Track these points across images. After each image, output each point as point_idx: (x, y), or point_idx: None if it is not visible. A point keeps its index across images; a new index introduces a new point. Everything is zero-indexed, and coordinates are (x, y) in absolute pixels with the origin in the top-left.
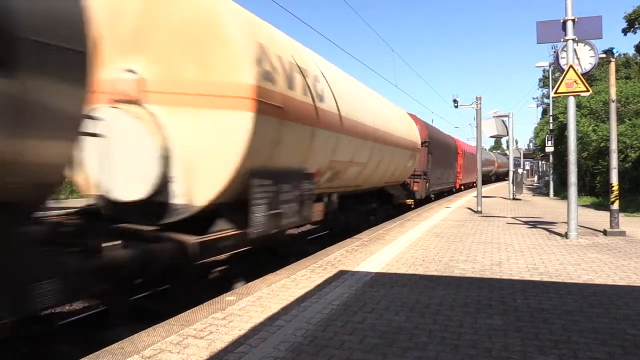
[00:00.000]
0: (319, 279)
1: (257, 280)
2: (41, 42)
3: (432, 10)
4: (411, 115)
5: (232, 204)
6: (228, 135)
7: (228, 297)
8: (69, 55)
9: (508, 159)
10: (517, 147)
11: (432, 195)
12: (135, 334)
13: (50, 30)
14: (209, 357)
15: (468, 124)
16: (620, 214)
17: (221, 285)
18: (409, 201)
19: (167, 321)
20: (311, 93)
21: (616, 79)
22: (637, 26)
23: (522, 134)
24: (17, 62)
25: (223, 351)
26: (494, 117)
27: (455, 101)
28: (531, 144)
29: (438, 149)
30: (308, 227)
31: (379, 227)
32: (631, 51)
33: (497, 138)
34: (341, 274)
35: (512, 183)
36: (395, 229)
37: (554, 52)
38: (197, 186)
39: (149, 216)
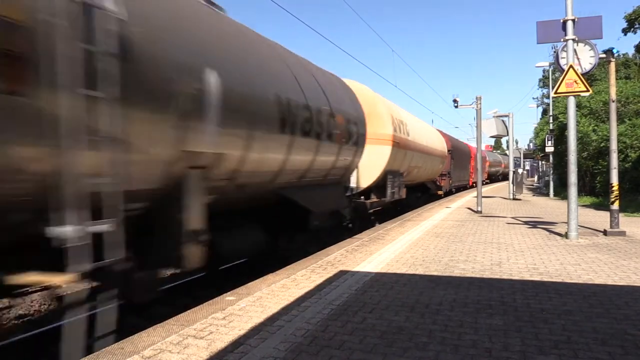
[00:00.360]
0: (319, 279)
1: (257, 280)
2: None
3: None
4: (439, 130)
5: (378, 186)
6: (380, 155)
7: (228, 297)
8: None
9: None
10: (517, 147)
11: (453, 189)
12: (135, 334)
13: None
14: (209, 357)
15: (468, 124)
16: (620, 214)
17: (221, 286)
18: (439, 192)
19: (167, 321)
20: (403, 132)
21: (616, 79)
22: (637, 26)
23: (522, 134)
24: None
25: (223, 351)
26: (494, 117)
27: (455, 101)
28: (531, 144)
29: (458, 155)
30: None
31: (379, 227)
32: (631, 51)
33: (497, 138)
34: (341, 274)
35: (512, 183)
36: (395, 229)
37: (554, 52)
38: (364, 178)
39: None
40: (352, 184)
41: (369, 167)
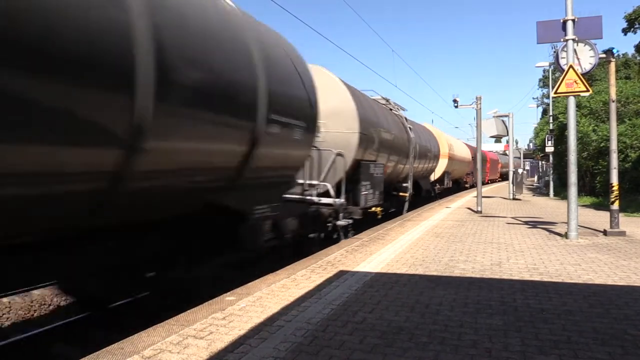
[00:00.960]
0: (319, 279)
1: (257, 280)
2: None
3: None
4: (466, 144)
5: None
6: (442, 165)
7: (228, 297)
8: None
9: (517, 158)
10: (517, 147)
11: (468, 184)
12: (135, 334)
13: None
14: (209, 357)
15: (468, 124)
16: (620, 214)
17: (221, 286)
18: (467, 185)
19: (167, 321)
20: (451, 150)
21: (616, 79)
22: (637, 26)
23: (522, 134)
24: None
25: (223, 351)
26: (494, 117)
27: (455, 101)
28: (531, 144)
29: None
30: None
31: (379, 227)
32: (631, 51)
33: (497, 138)
34: (341, 274)
35: (512, 183)
36: (395, 229)
37: (554, 52)
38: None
39: None
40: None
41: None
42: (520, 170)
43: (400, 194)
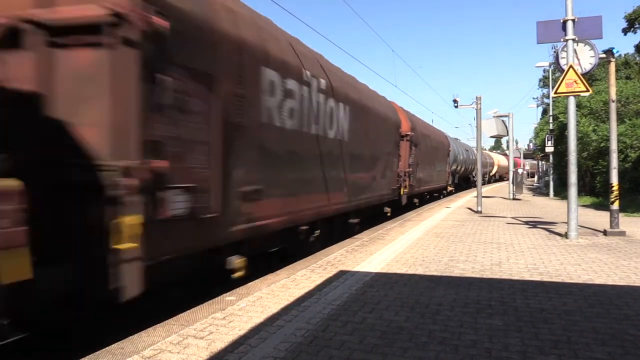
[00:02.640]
0: (319, 279)
1: (257, 280)
2: None
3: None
4: (487, 152)
5: None
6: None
7: (228, 297)
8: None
9: (519, 159)
10: (517, 147)
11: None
12: (135, 334)
13: None
14: (209, 357)
15: (468, 124)
16: (620, 214)
17: (221, 286)
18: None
19: (167, 321)
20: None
21: (616, 79)
22: (637, 26)
23: (522, 134)
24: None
25: (223, 351)
26: (494, 117)
27: (455, 101)
28: (531, 144)
29: (489, 162)
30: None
31: (379, 227)
32: (631, 51)
33: (497, 138)
34: (341, 274)
35: (512, 183)
36: (395, 229)
37: (554, 52)
38: None
39: None
40: None
41: None
42: (520, 170)
43: None
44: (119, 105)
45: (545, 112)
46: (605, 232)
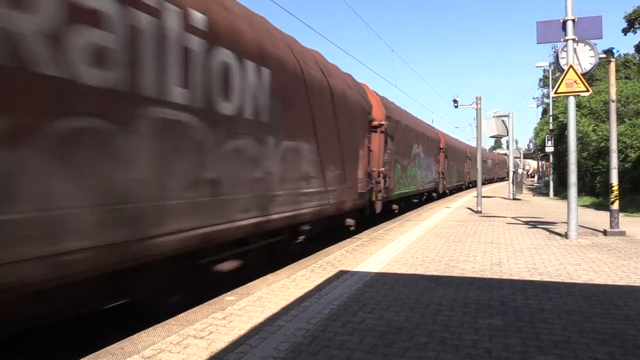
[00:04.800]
0: (319, 279)
1: (257, 280)
2: None
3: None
4: (500, 154)
5: None
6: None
7: (228, 297)
8: None
9: (520, 159)
10: (517, 147)
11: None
12: (135, 334)
13: None
14: (209, 357)
15: (468, 124)
16: (620, 214)
17: (221, 286)
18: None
19: (167, 321)
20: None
21: (616, 79)
22: (637, 26)
23: (522, 134)
24: None
25: (223, 351)
26: (494, 117)
27: (455, 101)
28: (531, 144)
29: (500, 164)
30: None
31: (379, 227)
32: (631, 51)
33: (497, 138)
34: (341, 274)
35: (512, 183)
36: (395, 229)
37: (554, 52)
38: None
39: None
40: None
41: None
42: (520, 170)
43: None
44: (380, 149)
45: (545, 112)
46: (605, 232)
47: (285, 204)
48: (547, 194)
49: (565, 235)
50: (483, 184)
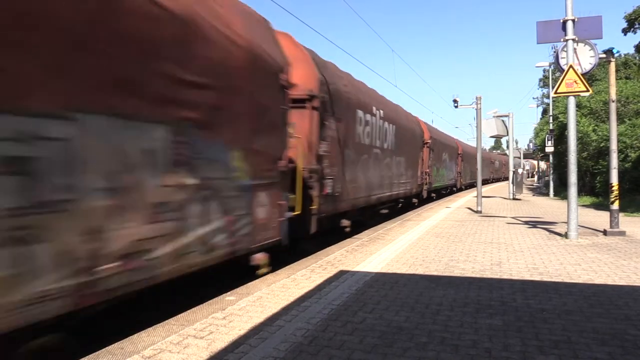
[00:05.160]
0: (319, 279)
1: (257, 280)
2: None
3: (432, 10)
4: (502, 154)
5: None
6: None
7: (228, 297)
8: None
9: (519, 160)
10: (517, 147)
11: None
12: (135, 334)
13: None
14: (209, 357)
15: (468, 124)
16: (620, 214)
17: (221, 285)
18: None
19: (167, 321)
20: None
21: (616, 79)
22: (637, 26)
23: (522, 134)
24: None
25: (223, 351)
26: (494, 117)
27: (455, 101)
28: (531, 144)
29: (507, 164)
30: None
31: (379, 227)
32: (631, 51)
33: (497, 138)
34: (341, 273)
35: (512, 183)
36: (395, 228)
37: (554, 52)
38: None
39: None
40: None
41: None
42: (520, 170)
43: None
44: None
45: (545, 112)
46: (605, 232)
47: (396, 188)
48: (547, 194)
49: (565, 235)
50: (492, 182)
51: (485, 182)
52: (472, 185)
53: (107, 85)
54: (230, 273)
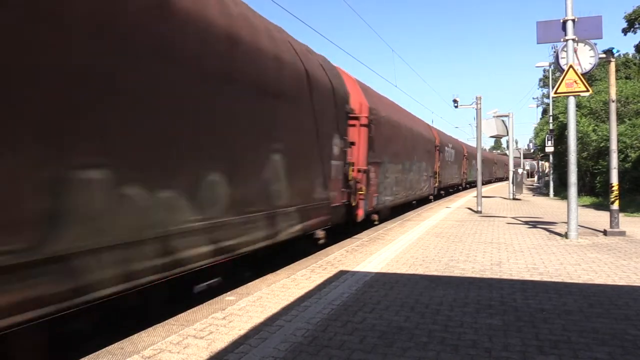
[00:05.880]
0: (319, 279)
1: (257, 280)
2: None
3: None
4: (503, 154)
5: None
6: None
7: (228, 297)
8: None
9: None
10: (517, 147)
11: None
12: (135, 334)
13: None
14: (209, 357)
15: (468, 124)
16: (620, 214)
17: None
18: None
19: (167, 321)
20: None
21: (616, 79)
22: (637, 26)
23: (522, 134)
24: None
25: (223, 351)
26: (494, 117)
27: (455, 101)
28: (531, 144)
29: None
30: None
31: (379, 227)
32: (631, 51)
33: (497, 138)
34: (341, 274)
35: (512, 183)
36: (395, 229)
37: (554, 52)
38: None
39: None
40: None
41: None
42: (520, 170)
43: None
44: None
45: (545, 112)
46: (605, 232)
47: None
48: (547, 194)
49: (565, 235)
50: (494, 181)
51: (487, 182)
52: (474, 184)
53: (389, 152)
54: (230, 273)
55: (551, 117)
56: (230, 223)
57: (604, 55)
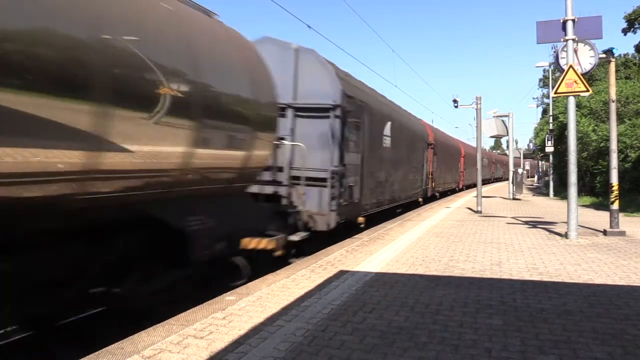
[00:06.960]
0: (319, 279)
1: (257, 280)
2: None
3: (432, 10)
4: (504, 154)
5: None
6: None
7: (228, 297)
8: None
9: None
10: (517, 147)
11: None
12: (135, 334)
13: None
14: (209, 357)
15: (468, 124)
16: (620, 214)
17: (221, 285)
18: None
19: (167, 321)
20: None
21: (616, 79)
22: (637, 26)
23: (522, 134)
24: None
25: (223, 351)
26: (494, 117)
27: (455, 101)
28: (531, 144)
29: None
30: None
31: (379, 227)
32: (631, 51)
33: (497, 138)
34: (341, 273)
35: (512, 183)
36: (395, 228)
37: (554, 52)
38: None
39: None
40: None
41: None
42: (520, 170)
43: None
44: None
45: (545, 112)
46: (605, 232)
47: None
48: (547, 194)
49: (565, 235)
50: (493, 181)
51: (486, 181)
52: (473, 185)
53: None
54: (230, 273)
55: (551, 117)
56: (403, 191)
57: (604, 55)
